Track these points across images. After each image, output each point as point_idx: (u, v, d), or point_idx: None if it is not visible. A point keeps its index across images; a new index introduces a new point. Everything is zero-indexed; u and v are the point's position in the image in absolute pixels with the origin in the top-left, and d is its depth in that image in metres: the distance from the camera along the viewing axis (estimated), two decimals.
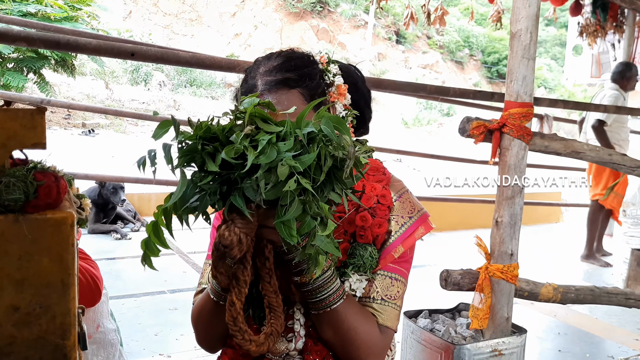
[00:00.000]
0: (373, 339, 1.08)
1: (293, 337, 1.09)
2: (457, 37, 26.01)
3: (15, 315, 0.80)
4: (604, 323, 3.62)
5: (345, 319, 1.04)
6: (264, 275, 0.98)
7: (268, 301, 0.99)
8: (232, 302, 0.92)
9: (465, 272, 2.14)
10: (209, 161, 0.83)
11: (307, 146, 0.85)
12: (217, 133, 0.85)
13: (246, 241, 0.87)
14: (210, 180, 0.84)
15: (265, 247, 0.96)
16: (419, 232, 1.17)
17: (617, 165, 2.43)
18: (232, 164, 0.83)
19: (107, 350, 2.01)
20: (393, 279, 1.13)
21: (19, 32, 2.16)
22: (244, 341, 0.93)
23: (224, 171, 0.84)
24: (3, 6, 8.38)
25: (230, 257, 0.87)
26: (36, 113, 0.84)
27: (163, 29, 21.28)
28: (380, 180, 1.18)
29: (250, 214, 0.85)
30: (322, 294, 1.01)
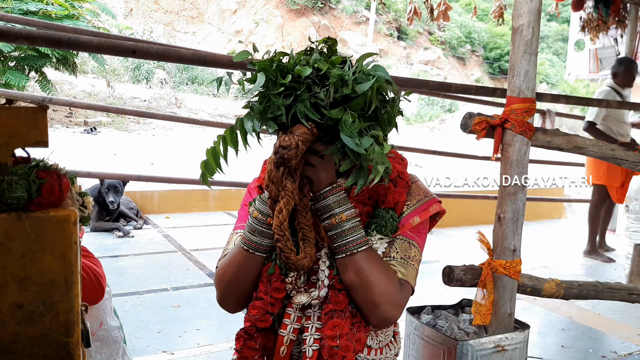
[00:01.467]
0: (392, 288, 1.15)
1: (316, 290, 1.17)
2: (459, 32, 25.92)
3: (19, 313, 0.80)
4: (607, 318, 3.62)
5: (368, 265, 1.13)
6: (301, 210, 1.12)
7: (303, 233, 1.12)
8: (281, 209, 1.05)
9: (468, 268, 2.13)
10: (279, 77, 0.99)
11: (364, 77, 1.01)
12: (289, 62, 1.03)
13: (302, 147, 1.00)
14: (279, 91, 0.99)
15: (304, 185, 1.11)
16: (433, 207, 1.29)
17: (620, 160, 2.42)
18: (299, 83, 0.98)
19: (110, 348, 2.01)
20: (411, 244, 1.23)
21: (21, 31, 2.16)
22: (286, 248, 1.04)
23: (292, 84, 0.99)
24: (4, 4, 8.38)
25: (286, 158, 0.99)
26: (38, 111, 0.84)
27: (164, 26, 21.26)
28: (399, 163, 1.32)
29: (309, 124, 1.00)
30: (348, 237, 1.12)
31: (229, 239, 1.34)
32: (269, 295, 1.17)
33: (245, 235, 1.18)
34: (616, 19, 5.72)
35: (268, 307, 1.18)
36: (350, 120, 0.97)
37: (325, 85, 0.99)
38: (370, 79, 0.99)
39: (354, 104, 0.98)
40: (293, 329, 1.18)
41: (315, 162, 1.08)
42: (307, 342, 1.16)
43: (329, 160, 1.10)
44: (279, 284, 1.17)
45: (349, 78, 0.98)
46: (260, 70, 0.99)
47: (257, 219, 1.16)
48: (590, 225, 5.19)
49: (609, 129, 4.83)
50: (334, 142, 1.05)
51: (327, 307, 1.15)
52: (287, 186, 1.05)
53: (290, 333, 1.18)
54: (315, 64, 0.99)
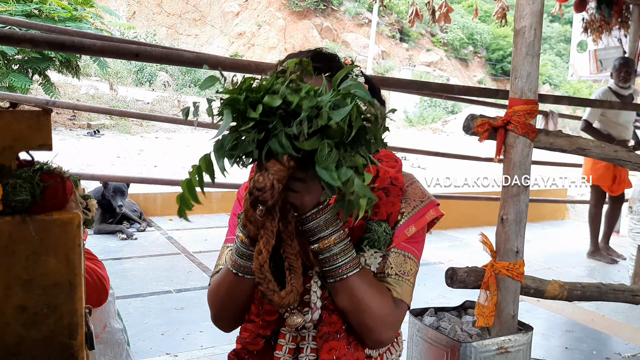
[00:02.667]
0: (387, 310, 1.11)
1: (309, 310, 1.12)
2: (461, 34, 25.92)
3: (23, 315, 0.80)
4: (610, 320, 3.61)
5: (360, 288, 1.08)
6: (286, 238, 1.04)
7: (289, 263, 1.05)
8: (260, 250, 0.98)
9: (471, 269, 2.13)
10: (249, 109, 0.90)
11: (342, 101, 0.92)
12: (260, 88, 0.93)
13: (278, 187, 0.93)
14: (249, 127, 0.91)
15: (288, 211, 1.03)
16: (429, 214, 1.22)
17: (623, 161, 2.42)
18: (270, 115, 0.90)
19: (114, 350, 2.02)
20: (406, 257, 1.18)
21: (24, 34, 2.17)
22: (268, 290, 0.98)
23: (263, 118, 0.90)
24: (6, 7, 8.41)
25: (262, 200, 0.92)
26: (42, 114, 0.84)
27: (167, 29, 21.31)
28: (392, 167, 1.24)
29: (285, 160, 0.92)
30: (338, 261, 1.06)
31: (220, 252, 1.30)
32: (260, 318, 1.14)
33: (233, 257, 1.13)
34: (619, 19, 5.71)
35: (260, 331, 1.15)
36: (326, 151, 0.89)
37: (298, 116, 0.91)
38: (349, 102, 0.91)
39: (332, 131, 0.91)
40: (289, 350, 1.15)
41: (297, 187, 1.00)
42: None
43: (313, 182, 1.01)
44: (271, 306, 1.13)
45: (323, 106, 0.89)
46: (227, 106, 0.91)
47: (243, 242, 1.10)
48: (590, 226, 5.18)
49: (604, 129, 4.83)
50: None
51: (322, 329, 1.11)
52: (266, 225, 0.99)
53: (286, 354, 1.15)
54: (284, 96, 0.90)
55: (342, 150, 0.91)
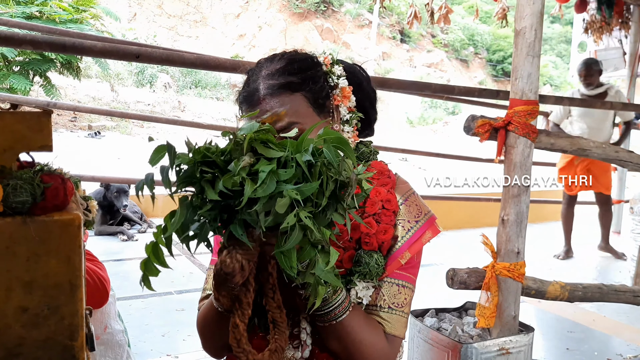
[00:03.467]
0: (380, 349, 1.06)
1: (300, 345, 1.07)
2: (462, 35, 25.92)
3: (24, 317, 0.80)
4: (612, 321, 3.61)
5: (352, 331, 1.02)
6: (267, 291, 0.96)
7: (272, 316, 0.98)
8: (236, 324, 0.91)
9: (472, 270, 2.13)
10: (208, 189, 0.81)
11: (309, 171, 0.82)
12: (215, 159, 0.82)
13: (248, 267, 0.85)
14: (210, 208, 0.82)
15: (268, 262, 0.94)
16: (426, 236, 1.14)
17: (624, 162, 2.42)
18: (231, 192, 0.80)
19: (114, 351, 2.02)
20: (400, 286, 1.11)
21: (25, 36, 2.17)
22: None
23: (223, 200, 0.81)
24: (7, 9, 8.42)
25: (232, 284, 0.86)
26: (43, 116, 0.84)
27: (167, 30, 21.34)
28: (385, 184, 1.15)
29: (251, 240, 0.83)
30: (328, 307, 0.99)
31: (207, 275, 1.24)
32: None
33: (214, 295, 1.02)
34: (619, 20, 5.71)
35: None
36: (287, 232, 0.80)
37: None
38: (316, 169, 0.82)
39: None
40: None
41: (275, 241, 0.86)
42: None
43: None
44: (259, 342, 1.08)
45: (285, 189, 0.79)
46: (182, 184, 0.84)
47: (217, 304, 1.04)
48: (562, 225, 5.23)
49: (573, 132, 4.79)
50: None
51: None
52: (240, 298, 0.91)
53: None
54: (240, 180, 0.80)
55: (310, 221, 0.80)
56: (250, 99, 1.08)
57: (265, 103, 1.06)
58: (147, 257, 0.86)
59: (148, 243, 0.86)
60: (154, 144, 0.89)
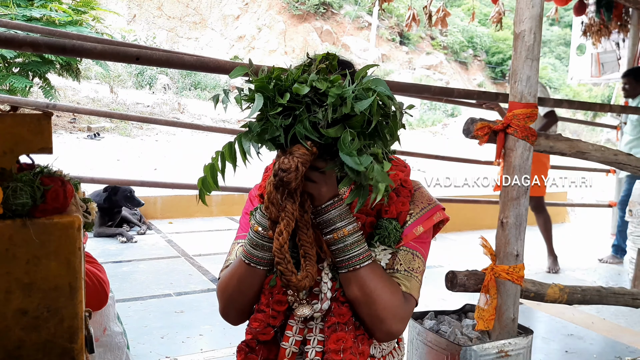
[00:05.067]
0: (397, 302, 1.14)
1: (318, 302, 1.15)
2: (461, 37, 25.95)
3: (24, 319, 0.80)
4: (611, 323, 3.61)
5: (372, 280, 1.12)
6: (302, 227, 1.09)
7: (304, 250, 1.10)
8: (281, 231, 1.02)
9: (471, 273, 2.13)
10: (277, 96, 0.95)
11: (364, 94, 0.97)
12: (288, 77, 0.99)
13: (301, 169, 0.97)
14: (277, 112, 0.96)
15: (305, 201, 1.08)
16: (437, 216, 1.28)
17: (623, 165, 2.42)
18: (297, 102, 0.95)
19: (114, 353, 2.01)
20: (414, 255, 1.22)
21: (25, 38, 2.17)
22: (286, 270, 1.01)
23: (291, 104, 0.96)
24: (8, 11, 8.42)
25: (286, 181, 0.97)
26: (43, 118, 0.85)
27: (167, 32, 21.34)
28: (402, 171, 1.31)
29: (309, 145, 0.97)
30: (352, 252, 1.10)
31: (230, 248, 1.33)
32: (270, 308, 1.17)
33: (246, 248, 1.17)
34: (618, 23, 5.73)
35: (270, 320, 1.17)
36: (349, 139, 0.95)
37: (324, 104, 0.97)
38: (370, 95, 0.97)
39: (354, 121, 0.96)
40: (295, 341, 1.17)
41: (316, 177, 1.06)
42: (309, 355, 1.16)
43: (330, 174, 1.09)
44: (280, 297, 1.16)
45: (348, 96, 0.95)
46: (258, 91, 0.97)
47: (258, 232, 1.14)
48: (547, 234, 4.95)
49: None
50: (334, 157, 1.03)
51: (330, 319, 1.14)
52: (287, 207, 1.03)
53: (293, 345, 1.17)
54: (313, 83, 0.96)
55: (362, 139, 0.96)
56: None
57: None
58: (204, 176, 1.00)
59: (206, 164, 1.00)
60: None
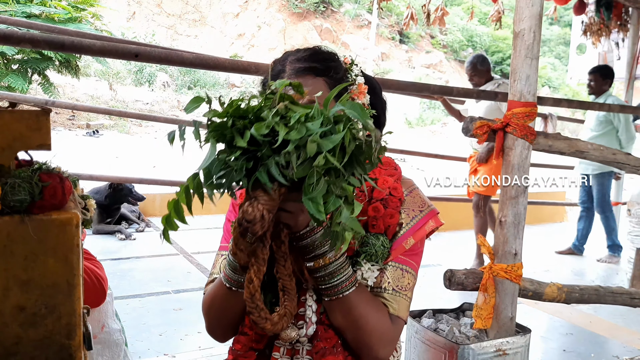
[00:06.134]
0: (384, 327, 1.09)
1: (304, 324, 1.10)
2: (461, 36, 25.94)
3: (22, 316, 0.80)
4: (609, 323, 3.61)
5: (357, 306, 1.06)
6: (279, 259, 1.01)
7: (282, 284, 1.02)
8: (251, 279, 0.94)
9: (469, 271, 2.13)
10: (237, 137, 0.86)
11: (334, 128, 0.87)
12: (247, 111, 0.88)
13: (268, 217, 0.89)
14: (237, 156, 0.87)
15: (281, 231, 0.99)
16: (429, 225, 1.20)
17: (621, 164, 2.42)
18: (259, 142, 0.85)
19: (112, 350, 2.01)
20: (404, 271, 1.15)
21: (24, 34, 2.16)
22: (260, 318, 0.95)
23: (252, 147, 0.86)
24: (7, 8, 8.41)
25: (252, 232, 0.89)
26: (41, 114, 0.84)
27: (166, 29, 21.31)
28: (391, 175, 1.21)
29: (273, 190, 0.88)
30: (335, 280, 1.03)
31: (214, 260, 1.28)
32: (254, 331, 1.13)
33: (226, 271, 1.09)
34: (618, 22, 5.72)
35: (252, 344, 1.13)
36: (314, 180, 0.84)
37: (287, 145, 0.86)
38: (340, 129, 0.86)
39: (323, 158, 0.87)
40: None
41: (291, 207, 0.95)
42: None
43: None
44: None
45: (313, 134, 0.84)
46: (213, 134, 0.87)
47: (228, 276, 1.08)
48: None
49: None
50: None
51: (318, 344, 1.09)
52: (256, 253, 0.95)
53: None
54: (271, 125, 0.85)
55: (332, 176, 0.86)
56: (275, 79, 1.14)
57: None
58: (168, 213, 0.90)
59: (170, 201, 0.91)
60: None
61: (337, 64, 1.18)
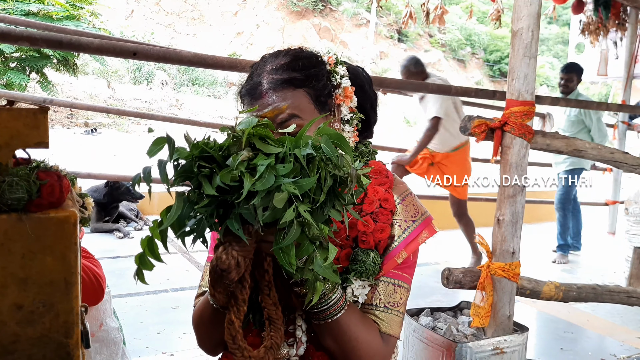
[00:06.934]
0: (375, 348, 1.06)
1: (294, 342, 1.07)
2: (459, 35, 25.96)
3: (19, 314, 0.80)
4: (606, 321, 3.62)
5: (347, 329, 1.02)
6: (263, 288, 0.96)
7: (267, 313, 0.97)
8: (231, 320, 0.91)
9: (467, 270, 2.14)
10: (205, 184, 0.80)
11: (307, 166, 0.82)
12: (213, 154, 0.82)
13: (244, 263, 0.86)
14: (207, 203, 0.81)
15: (264, 259, 0.94)
16: (422, 236, 1.14)
17: (619, 163, 2.42)
18: (227, 189, 0.79)
19: (110, 349, 2.01)
20: (396, 286, 1.11)
21: (22, 32, 2.16)
22: (243, 358, 0.91)
23: (220, 196, 0.80)
24: (5, 5, 8.39)
25: (228, 280, 0.86)
26: (39, 112, 0.84)
27: (165, 28, 21.29)
28: (382, 184, 1.15)
29: (247, 236, 0.83)
30: (324, 304, 0.99)
31: (203, 272, 1.24)
32: None
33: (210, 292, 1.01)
34: (616, 22, 5.73)
35: None
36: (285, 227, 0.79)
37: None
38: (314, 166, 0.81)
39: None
40: None
41: (271, 238, 0.87)
42: None
43: None
44: (253, 339, 1.07)
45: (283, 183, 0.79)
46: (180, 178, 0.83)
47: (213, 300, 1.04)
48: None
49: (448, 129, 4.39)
50: None
51: None
52: (235, 295, 0.91)
53: None
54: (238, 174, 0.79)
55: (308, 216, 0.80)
56: (252, 93, 1.08)
57: (268, 97, 1.05)
58: (142, 252, 0.86)
59: (143, 237, 0.86)
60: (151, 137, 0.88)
61: (318, 70, 1.10)
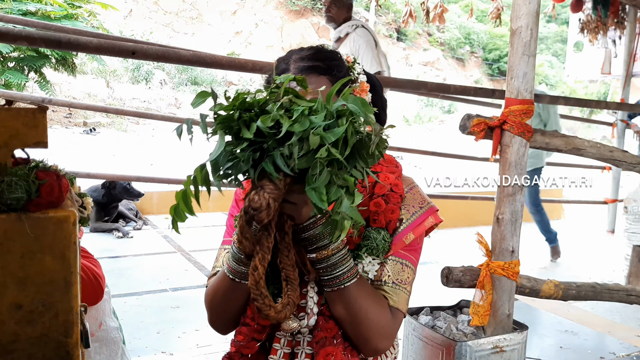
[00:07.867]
0: (383, 320, 1.12)
1: (305, 316, 1.12)
2: (458, 34, 25.94)
3: (19, 313, 0.80)
4: (605, 319, 3.62)
5: (357, 298, 1.08)
6: (283, 249, 1.04)
7: (285, 274, 1.05)
8: (256, 266, 0.96)
9: (467, 269, 2.14)
10: (244, 129, 0.89)
11: (336, 122, 0.90)
12: (253, 104, 0.91)
13: (273, 206, 0.91)
14: (244, 146, 0.89)
15: (285, 222, 1.02)
16: (428, 221, 1.23)
17: (618, 161, 2.43)
18: (265, 133, 0.88)
19: (109, 348, 2.01)
20: (404, 265, 1.18)
21: (20, 32, 2.16)
22: (264, 305, 0.97)
23: (258, 139, 0.88)
24: (3, 5, 8.38)
25: (258, 220, 0.91)
26: (38, 112, 0.84)
27: (164, 27, 21.25)
28: (392, 172, 1.25)
29: (278, 180, 0.90)
30: (336, 271, 1.06)
31: (217, 254, 1.30)
32: (255, 322, 1.15)
33: (229, 263, 1.12)
34: (615, 20, 5.73)
35: (255, 334, 1.14)
36: (317, 171, 0.87)
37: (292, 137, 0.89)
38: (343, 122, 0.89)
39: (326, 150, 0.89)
40: (283, 354, 1.15)
41: (295, 199, 0.97)
42: None
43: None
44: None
45: (316, 127, 0.87)
46: (220, 126, 0.90)
47: (231, 267, 1.12)
48: None
49: None
50: None
51: (318, 334, 1.11)
52: (261, 241, 0.97)
53: (281, 358, 1.14)
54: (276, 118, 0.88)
55: (335, 167, 0.89)
56: None
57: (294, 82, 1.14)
58: (177, 203, 0.92)
59: (178, 191, 0.93)
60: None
61: (339, 63, 1.21)
